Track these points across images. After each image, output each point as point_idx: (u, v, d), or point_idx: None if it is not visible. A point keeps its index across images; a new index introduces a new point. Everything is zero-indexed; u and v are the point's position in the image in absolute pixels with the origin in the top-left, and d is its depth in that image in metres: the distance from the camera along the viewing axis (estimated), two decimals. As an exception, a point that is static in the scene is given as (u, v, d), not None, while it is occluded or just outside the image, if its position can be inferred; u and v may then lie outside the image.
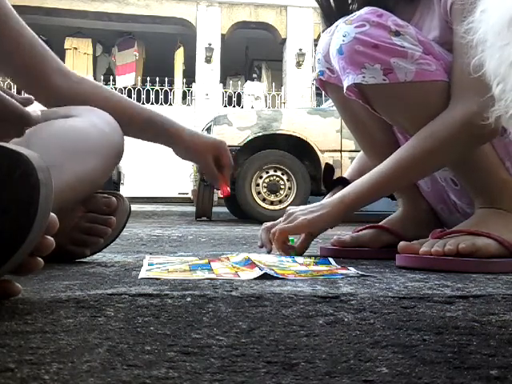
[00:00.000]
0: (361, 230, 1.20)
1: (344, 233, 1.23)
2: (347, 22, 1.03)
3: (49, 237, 0.55)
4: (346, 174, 1.36)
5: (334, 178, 1.32)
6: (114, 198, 0.99)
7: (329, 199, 1.10)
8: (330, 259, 1.03)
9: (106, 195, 0.99)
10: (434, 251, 0.94)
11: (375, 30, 1.00)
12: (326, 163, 1.40)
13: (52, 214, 0.55)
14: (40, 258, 0.56)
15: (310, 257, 1.04)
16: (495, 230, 0.98)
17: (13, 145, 0.53)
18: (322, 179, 1.36)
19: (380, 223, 1.21)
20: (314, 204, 1.11)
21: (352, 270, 0.88)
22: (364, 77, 1.01)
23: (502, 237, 0.96)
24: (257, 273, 0.81)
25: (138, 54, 11.20)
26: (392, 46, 0.99)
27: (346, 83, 1.05)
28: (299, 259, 1.01)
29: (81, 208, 0.97)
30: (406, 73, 0.99)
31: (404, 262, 0.97)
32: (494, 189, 1.04)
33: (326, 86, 1.23)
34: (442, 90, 1.01)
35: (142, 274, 0.82)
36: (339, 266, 0.93)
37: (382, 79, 1.00)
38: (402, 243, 1.01)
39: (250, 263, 0.91)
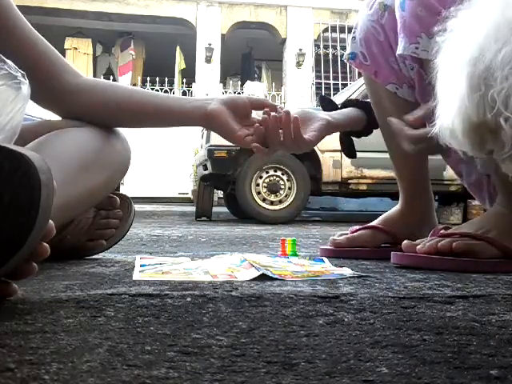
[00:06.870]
0: (357, 231, 1.19)
1: (341, 232, 1.22)
2: None
3: (44, 243, 0.56)
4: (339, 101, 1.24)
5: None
6: (116, 197, 1.07)
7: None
8: (325, 259, 1.02)
9: (110, 195, 1.06)
10: (427, 247, 0.94)
11: None
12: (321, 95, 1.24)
13: (50, 221, 0.55)
14: (35, 264, 0.56)
15: (304, 257, 1.04)
16: (498, 233, 0.96)
17: (14, 146, 0.53)
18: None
19: (375, 222, 1.19)
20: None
21: (347, 271, 0.88)
22: (417, 48, 0.93)
23: (503, 243, 0.95)
24: (253, 273, 0.81)
25: (134, 53, 11.19)
26: None
27: (398, 49, 0.97)
28: (294, 259, 1.01)
29: (93, 209, 1.04)
30: None
31: (398, 260, 0.97)
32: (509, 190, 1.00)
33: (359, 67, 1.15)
34: None
35: (136, 275, 0.81)
36: (334, 267, 0.94)
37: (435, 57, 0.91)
38: (405, 242, 1.01)
39: (245, 263, 0.91)
